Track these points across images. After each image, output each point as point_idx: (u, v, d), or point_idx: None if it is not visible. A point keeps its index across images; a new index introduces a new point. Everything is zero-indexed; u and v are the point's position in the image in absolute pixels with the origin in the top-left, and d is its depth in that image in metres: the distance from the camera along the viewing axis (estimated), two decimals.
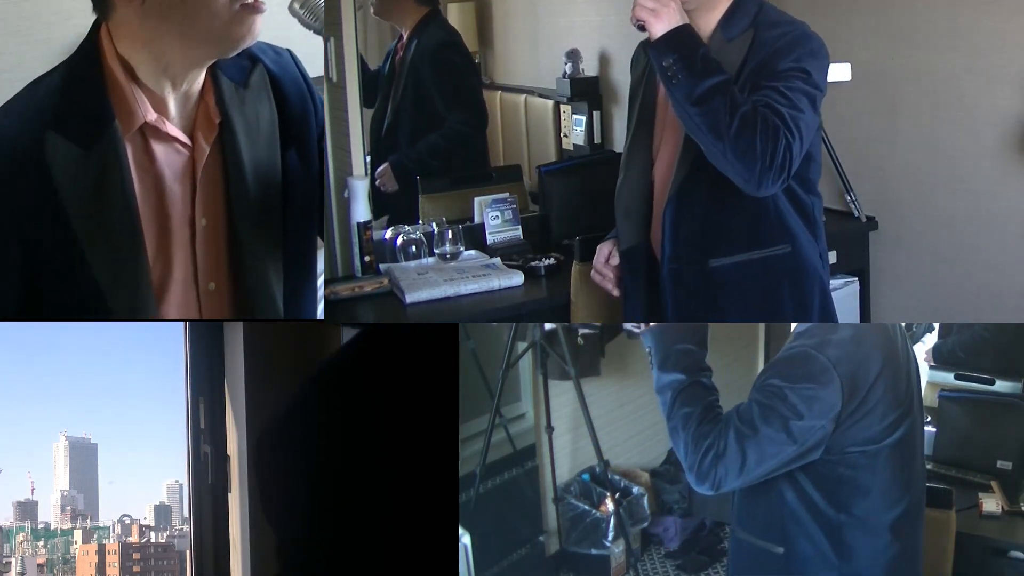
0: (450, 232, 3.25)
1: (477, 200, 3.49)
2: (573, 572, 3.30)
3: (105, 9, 1.80)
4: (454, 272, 3.09)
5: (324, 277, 2.99)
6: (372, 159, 3.53)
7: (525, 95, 4.08)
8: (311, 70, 2.12)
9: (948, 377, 3.23)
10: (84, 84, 1.80)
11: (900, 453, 1.80)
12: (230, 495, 2.47)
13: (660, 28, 2.09)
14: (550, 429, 3.17)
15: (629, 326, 3.11)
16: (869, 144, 3.51)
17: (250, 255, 1.94)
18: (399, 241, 3.28)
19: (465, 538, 2.74)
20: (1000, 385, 3.14)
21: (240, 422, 2.41)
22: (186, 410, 2.78)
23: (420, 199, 3.59)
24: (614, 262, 2.49)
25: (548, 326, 3.00)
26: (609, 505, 3.16)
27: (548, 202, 3.51)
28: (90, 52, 1.82)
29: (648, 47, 2.13)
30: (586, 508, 3.24)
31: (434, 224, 3.32)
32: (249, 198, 1.93)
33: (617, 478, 3.35)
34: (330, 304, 2.94)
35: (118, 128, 1.79)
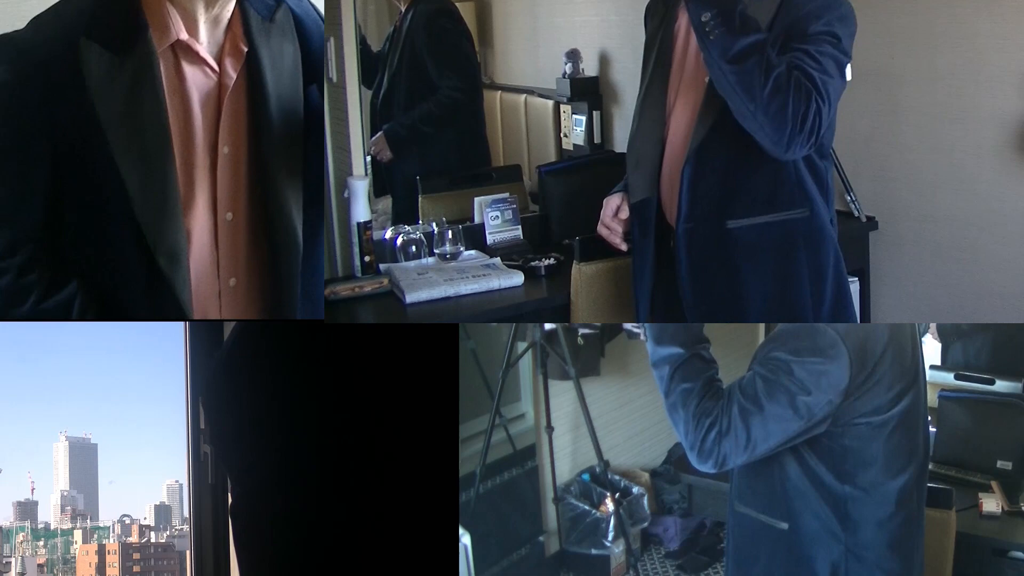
0: (450, 232, 3.25)
1: (477, 200, 3.49)
2: (573, 572, 3.31)
3: None
4: (454, 272, 3.10)
5: (324, 277, 2.99)
6: (369, 131, 3.53)
7: (525, 95, 4.09)
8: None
9: (948, 377, 3.24)
10: None
11: (906, 423, 1.79)
12: (230, 495, 2.49)
13: None
14: (550, 429, 3.20)
15: (629, 326, 3.09)
16: (869, 144, 3.51)
17: (271, 185, 1.95)
18: (399, 241, 3.29)
19: (465, 538, 2.74)
20: (1000, 385, 3.15)
21: None
22: (186, 410, 2.79)
23: (420, 199, 3.59)
24: (623, 215, 2.45)
25: (548, 326, 3.00)
26: (609, 505, 3.17)
27: (548, 202, 3.53)
28: None
29: (688, 1, 2.09)
30: (586, 508, 3.26)
31: (434, 224, 3.33)
32: (272, 129, 1.95)
33: (617, 478, 3.36)
34: (330, 304, 2.95)
35: (152, 40, 1.82)
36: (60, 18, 1.85)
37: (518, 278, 3.05)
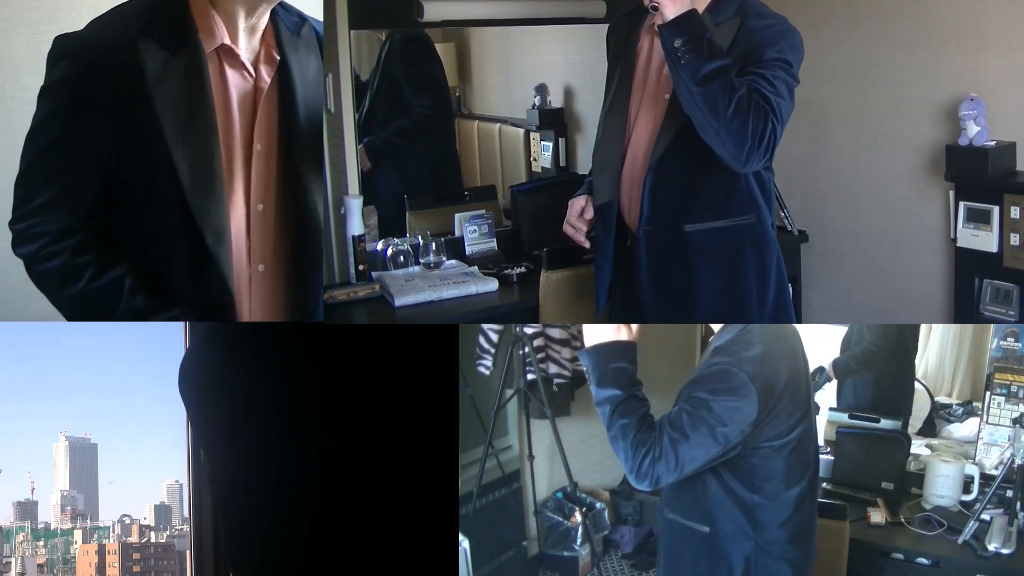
0: (434, 244, 3.38)
1: (457, 216, 3.64)
2: (549, 570, 3.43)
3: None
4: (437, 279, 3.22)
5: (323, 284, 2.94)
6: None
7: (499, 124, 4.15)
8: None
9: (843, 416, 3.44)
10: (170, 2, 1.91)
11: (801, 444, 1.91)
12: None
13: (672, 11, 2.10)
14: (531, 457, 3.31)
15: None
16: (801, 167, 3.63)
17: (298, 180, 2.02)
18: (389, 252, 3.41)
19: (464, 543, 2.86)
20: (884, 423, 3.34)
21: None
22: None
23: (407, 215, 3.67)
24: (588, 215, 2.48)
25: (530, 377, 3.12)
26: (578, 517, 3.31)
27: (519, 218, 3.68)
28: None
29: (660, 28, 2.12)
30: (560, 520, 3.38)
31: (420, 237, 3.46)
32: (300, 130, 2.02)
33: (584, 496, 3.48)
34: (328, 307, 3.05)
35: (201, 42, 1.90)
36: (119, 19, 1.90)
37: (493, 284, 3.21)
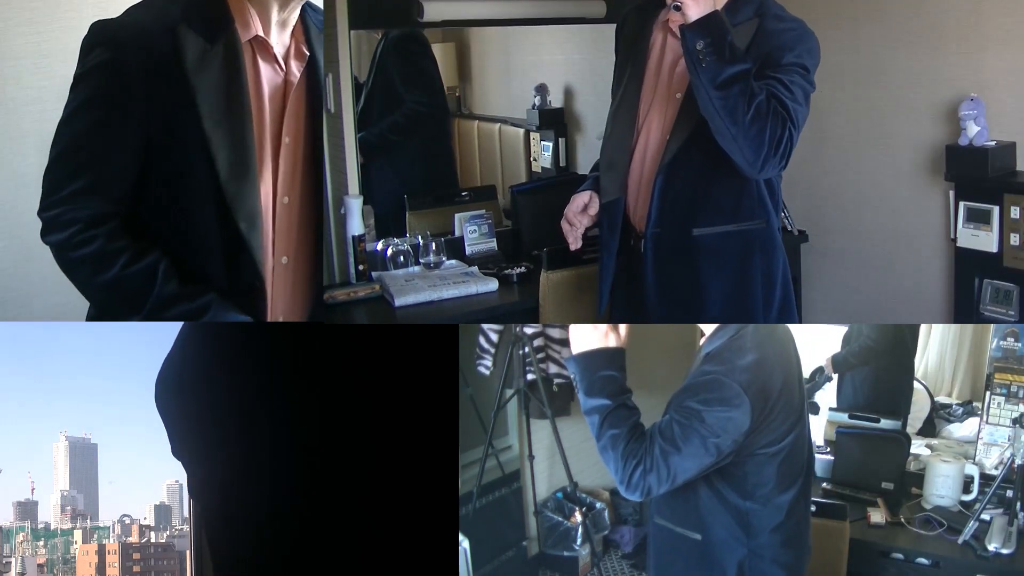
0: (433, 244, 3.39)
1: (457, 216, 3.65)
2: (549, 570, 3.43)
3: None
4: (437, 279, 3.23)
5: (323, 284, 3.00)
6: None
7: (499, 124, 4.16)
8: None
9: (843, 416, 3.44)
10: None
11: (793, 450, 1.90)
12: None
13: (696, 12, 2.07)
14: (531, 457, 3.31)
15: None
16: (801, 167, 3.54)
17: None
18: (389, 252, 3.41)
19: (464, 543, 2.86)
20: (884, 423, 3.34)
21: None
22: None
23: (408, 215, 3.68)
24: (592, 211, 2.45)
25: (530, 377, 3.12)
26: (578, 517, 3.31)
27: (519, 218, 3.68)
28: None
29: (683, 29, 2.09)
30: (560, 519, 3.40)
31: (419, 237, 3.46)
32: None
33: (584, 496, 3.47)
34: (329, 307, 3.05)
35: (237, 32, 1.93)
36: (158, 6, 1.91)
37: (493, 284, 3.20)
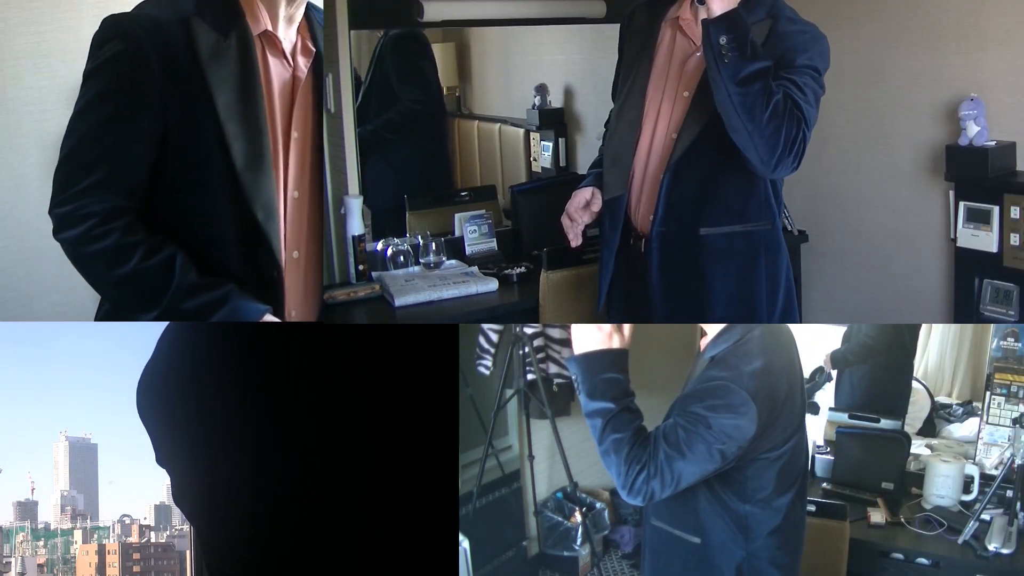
0: (433, 244, 3.41)
1: (457, 216, 3.67)
2: (549, 570, 3.44)
3: None
4: (437, 279, 3.25)
5: (323, 284, 2.97)
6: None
7: (499, 124, 4.18)
8: None
9: (843, 416, 3.43)
10: None
11: (793, 454, 1.90)
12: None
13: (720, 7, 2.07)
14: (531, 457, 3.32)
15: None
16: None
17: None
18: (389, 252, 3.42)
19: (464, 543, 2.87)
20: (884, 423, 3.34)
21: None
22: None
23: (407, 215, 3.69)
24: (595, 208, 2.44)
25: (530, 377, 3.12)
26: (578, 517, 3.31)
27: (519, 218, 3.69)
28: None
29: (707, 23, 2.09)
30: (560, 519, 3.40)
31: (419, 237, 3.48)
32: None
33: (584, 496, 3.47)
34: (328, 307, 3.05)
35: (248, 26, 1.94)
36: (168, 1, 1.91)
37: (493, 284, 3.22)
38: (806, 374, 2.89)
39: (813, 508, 2.64)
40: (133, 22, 1.87)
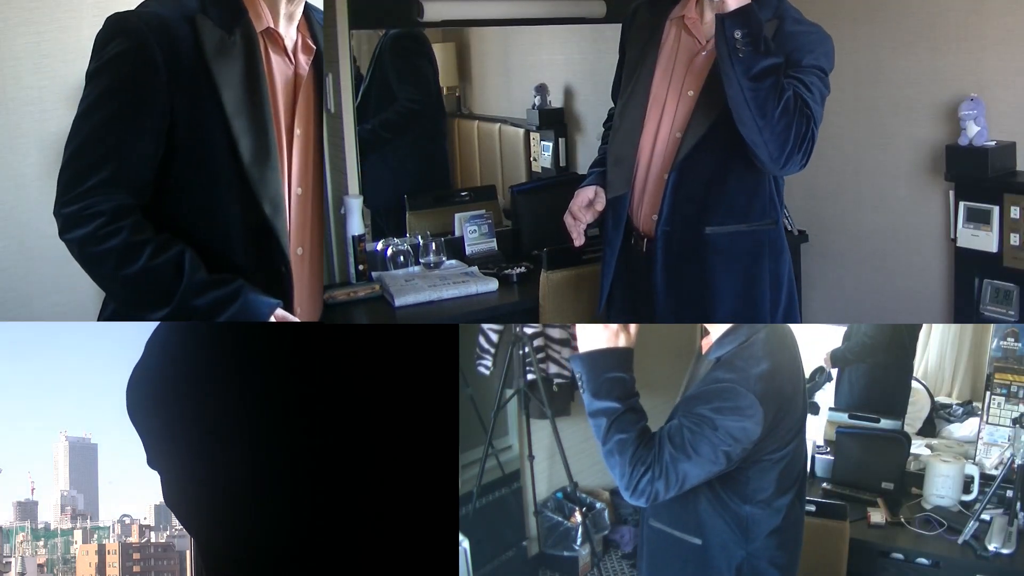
0: (433, 244, 3.42)
1: (457, 216, 3.68)
2: (549, 570, 3.44)
3: None
4: (437, 279, 3.26)
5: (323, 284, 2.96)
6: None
7: (499, 124, 4.18)
8: None
9: (843, 416, 3.43)
10: None
11: (794, 456, 1.90)
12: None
13: (735, 2, 2.07)
14: (531, 457, 3.32)
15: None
16: None
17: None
18: (389, 252, 3.43)
19: (464, 543, 2.88)
20: (884, 423, 3.34)
21: None
22: None
23: (407, 215, 3.71)
24: (599, 207, 2.43)
25: (530, 377, 3.12)
26: (578, 517, 3.31)
27: (519, 218, 3.70)
28: None
29: (722, 17, 2.09)
30: (560, 519, 3.41)
31: (419, 237, 3.49)
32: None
33: (584, 496, 3.48)
34: (328, 307, 3.02)
35: (251, 23, 1.94)
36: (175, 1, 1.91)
37: (493, 284, 3.23)
38: (806, 374, 2.89)
39: (813, 508, 2.64)
40: (138, 20, 1.87)
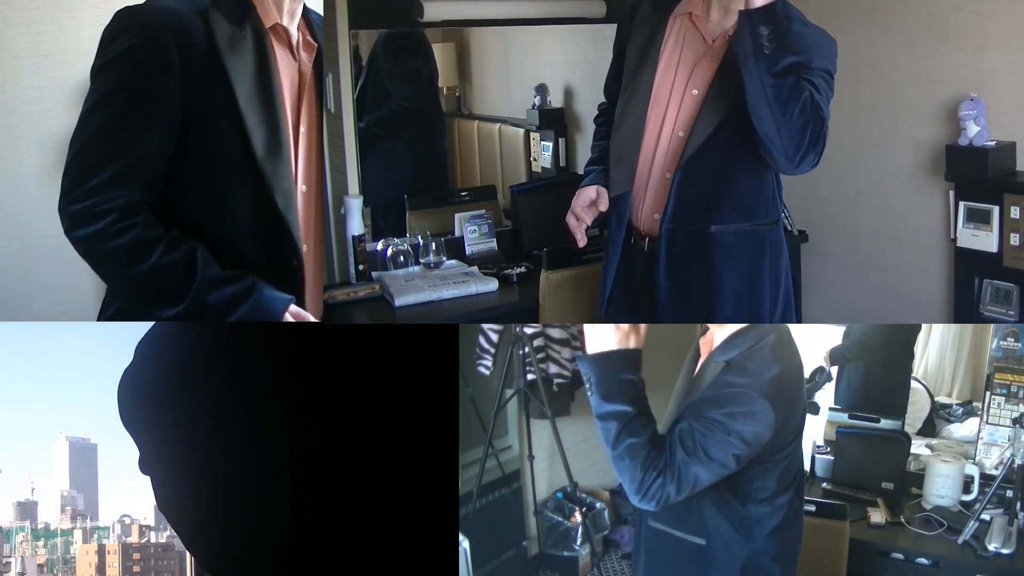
0: (433, 244, 3.42)
1: (457, 216, 3.69)
2: (549, 570, 3.45)
3: None
4: (437, 279, 3.26)
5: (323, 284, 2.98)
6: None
7: (499, 124, 4.19)
8: None
9: (843, 416, 3.44)
10: None
11: (794, 456, 1.92)
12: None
13: None
14: (531, 457, 3.32)
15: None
16: None
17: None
18: (389, 252, 3.44)
19: (464, 543, 2.88)
20: (884, 423, 3.34)
21: None
22: None
23: (408, 215, 3.71)
24: (602, 207, 2.41)
25: (530, 377, 3.13)
26: (578, 517, 3.32)
27: (519, 218, 3.71)
28: None
29: (749, 14, 2.08)
30: (560, 519, 3.41)
31: (419, 237, 3.50)
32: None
33: (584, 496, 3.48)
34: (328, 307, 3.04)
35: (260, 18, 1.94)
36: None
37: (493, 284, 3.24)
38: (806, 374, 2.90)
39: (813, 508, 2.65)
40: (151, 13, 1.85)
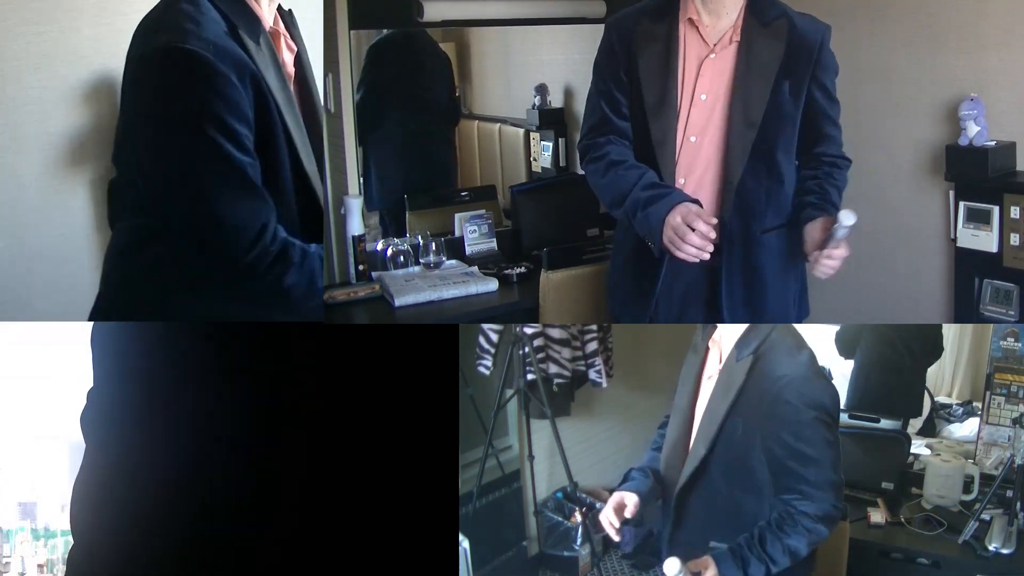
0: (433, 244, 3.42)
1: (457, 216, 3.68)
2: (549, 570, 3.45)
3: None
4: (437, 279, 3.26)
5: (323, 284, 2.99)
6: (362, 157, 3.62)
7: (499, 124, 4.20)
8: None
9: (844, 417, 3.43)
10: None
11: None
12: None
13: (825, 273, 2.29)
14: (531, 457, 3.33)
15: (592, 377, 3.15)
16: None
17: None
18: (389, 252, 3.44)
19: (464, 543, 2.88)
20: (884, 423, 3.37)
21: None
22: None
23: (407, 215, 3.71)
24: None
25: (530, 377, 3.14)
26: (578, 517, 3.32)
27: (519, 218, 3.69)
28: None
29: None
30: (560, 519, 3.41)
31: (419, 237, 3.49)
32: (318, 122, 2.14)
33: (584, 496, 3.47)
34: (328, 307, 3.09)
35: (262, 24, 1.98)
36: (206, 24, 1.89)
37: (493, 284, 3.24)
38: None
39: None
40: (209, 49, 1.84)
